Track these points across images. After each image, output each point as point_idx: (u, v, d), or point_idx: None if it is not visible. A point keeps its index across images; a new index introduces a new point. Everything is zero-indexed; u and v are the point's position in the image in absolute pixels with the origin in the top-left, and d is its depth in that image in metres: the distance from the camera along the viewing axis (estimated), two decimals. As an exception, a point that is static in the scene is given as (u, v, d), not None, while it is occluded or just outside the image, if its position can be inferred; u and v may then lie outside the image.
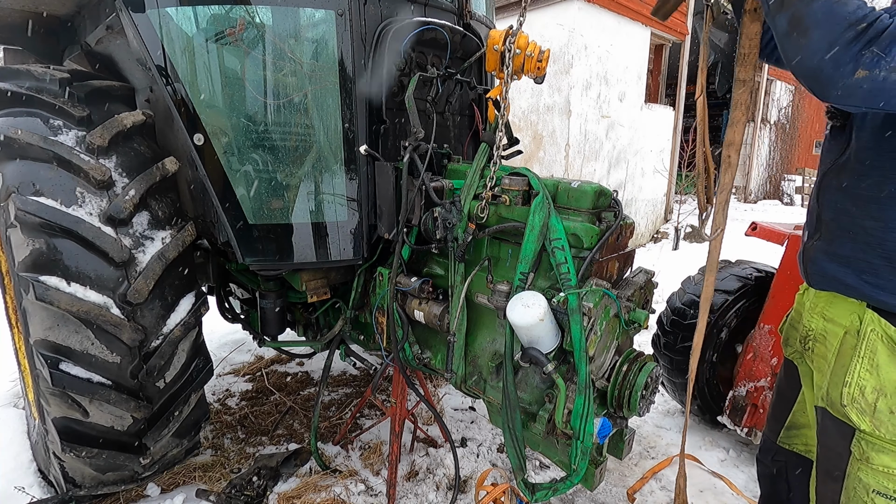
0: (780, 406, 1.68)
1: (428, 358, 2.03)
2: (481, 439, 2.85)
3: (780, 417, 1.67)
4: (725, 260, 3.12)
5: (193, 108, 1.86)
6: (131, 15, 1.83)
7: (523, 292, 1.54)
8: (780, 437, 1.68)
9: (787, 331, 1.59)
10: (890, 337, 1.20)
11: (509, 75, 1.71)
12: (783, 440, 1.68)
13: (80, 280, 1.72)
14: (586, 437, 1.51)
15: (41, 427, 2.08)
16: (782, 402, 1.67)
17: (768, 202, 13.29)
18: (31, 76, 1.98)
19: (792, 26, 1.08)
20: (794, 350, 1.55)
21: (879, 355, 1.21)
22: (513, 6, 7.16)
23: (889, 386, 1.20)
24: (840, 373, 1.28)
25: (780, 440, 1.68)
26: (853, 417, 1.24)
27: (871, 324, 1.22)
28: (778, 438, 1.69)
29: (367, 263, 2.17)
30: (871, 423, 1.21)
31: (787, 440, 1.67)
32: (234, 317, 2.70)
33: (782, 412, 1.66)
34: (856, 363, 1.24)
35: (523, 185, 1.70)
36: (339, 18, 1.85)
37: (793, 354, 1.57)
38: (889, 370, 1.20)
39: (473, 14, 2.37)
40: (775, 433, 1.70)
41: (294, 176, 1.97)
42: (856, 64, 0.99)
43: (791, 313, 1.59)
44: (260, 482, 2.31)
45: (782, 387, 1.68)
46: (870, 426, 1.21)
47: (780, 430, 1.67)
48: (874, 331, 1.22)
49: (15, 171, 1.77)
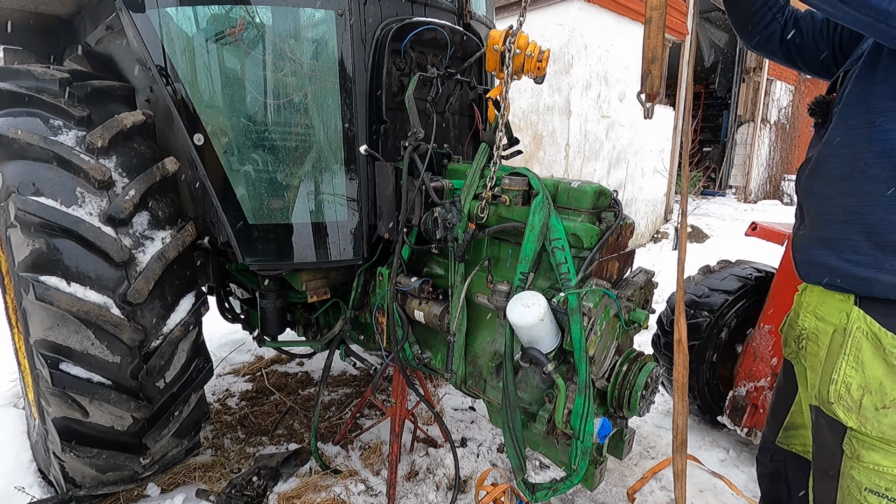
0: (779, 406, 1.68)
1: (428, 358, 2.03)
2: (481, 439, 2.85)
3: (778, 418, 1.68)
4: (725, 260, 3.13)
5: (193, 108, 1.86)
6: (131, 15, 1.83)
7: (523, 292, 1.54)
8: (779, 437, 1.68)
9: (786, 331, 1.60)
10: (874, 334, 1.20)
11: (509, 75, 1.71)
12: (781, 440, 1.68)
13: (80, 280, 1.72)
14: (586, 437, 1.51)
15: (41, 427, 2.08)
16: (781, 402, 1.68)
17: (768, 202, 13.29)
18: (31, 76, 1.98)
19: None
20: (791, 350, 1.55)
21: (864, 352, 1.22)
22: (513, 6, 7.15)
23: (874, 383, 1.20)
24: (828, 370, 1.29)
25: (778, 440, 1.69)
26: (840, 415, 1.25)
27: (857, 321, 1.23)
28: (776, 439, 1.69)
29: (367, 263, 2.17)
30: (857, 420, 1.22)
31: (785, 440, 1.67)
32: (234, 317, 2.70)
33: (781, 412, 1.67)
34: (842, 361, 1.25)
35: (523, 185, 1.70)
36: (339, 18, 1.85)
37: (790, 354, 1.58)
38: (873, 367, 1.20)
39: (473, 14, 2.37)
40: (774, 433, 1.70)
41: (294, 176, 1.97)
42: None
43: (790, 314, 1.60)
44: (260, 482, 2.31)
45: (781, 387, 1.69)
46: (856, 423, 1.22)
47: (779, 431, 1.68)
48: (860, 328, 1.23)
49: (15, 171, 1.77)
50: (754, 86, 12.00)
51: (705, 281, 2.89)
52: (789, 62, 1.59)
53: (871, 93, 1.19)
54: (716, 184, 12.21)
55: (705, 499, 2.46)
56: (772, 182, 13.63)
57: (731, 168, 12.63)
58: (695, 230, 8.86)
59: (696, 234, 8.83)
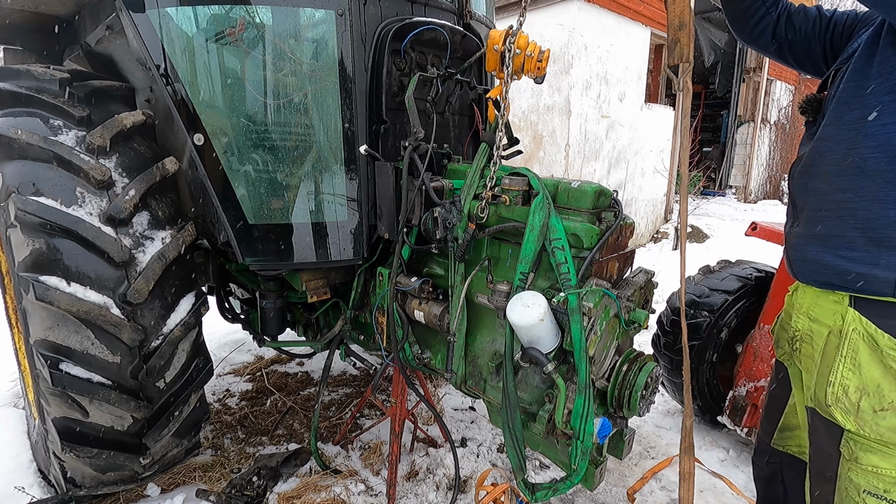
0: (773, 408, 1.68)
1: (428, 358, 2.03)
2: (481, 439, 2.85)
3: (772, 419, 1.67)
4: (725, 260, 3.13)
5: (193, 108, 1.86)
6: (131, 15, 1.83)
7: (523, 292, 1.54)
8: (774, 438, 1.68)
9: (778, 332, 1.59)
10: (871, 336, 1.20)
11: (509, 75, 1.71)
12: (777, 442, 1.68)
13: (80, 280, 1.72)
14: (586, 437, 1.51)
15: (41, 427, 2.08)
16: (774, 403, 1.67)
17: (768, 202, 13.28)
18: (31, 76, 1.98)
19: None
20: (784, 351, 1.55)
21: (861, 354, 1.21)
22: (513, 6, 7.15)
23: (871, 385, 1.19)
24: (825, 373, 1.28)
25: (773, 442, 1.68)
26: (838, 417, 1.24)
27: (853, 323, 1.22)
28: (771, 440, 1.69)
29: (367, 263, 2.17)
30: (855, 422, 1.21)
31: (780, 442, 1.67)
32: (234, 317, 2.70)
33: (775, 414, 1.66)
34: (839, 363, 1.24)
35: (523, 185, 1.70)
36: (339, 18, 1.85)
37: (783, 356, 1.57)
38: (870, 369, 1.20)
39: (473, 14, 2.37)
40: (769, 435, 1.70)
41: (294, 176, 1.97)
42: None
43: (781, 315, 1.59)
44: (260, 482, 2.31)
45: (774, 388, 1.68)
46: (854, 426, 1.21)
47: (774, 432, 1.67)
48: (856, 330, 1.22)
49: (15, 171, 1.77)
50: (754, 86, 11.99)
51: (705, 281, 2.89)
52: (780, 58, 1.60)
53: (866, 88, 1.18)
54: (716, 184, 12.20)
55: (705, 499, 2.46)
56: (772, 182, 13.63)
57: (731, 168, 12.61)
58: (695, 230, 8.86)
59: (696, 234, 8.82)
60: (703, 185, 10.45)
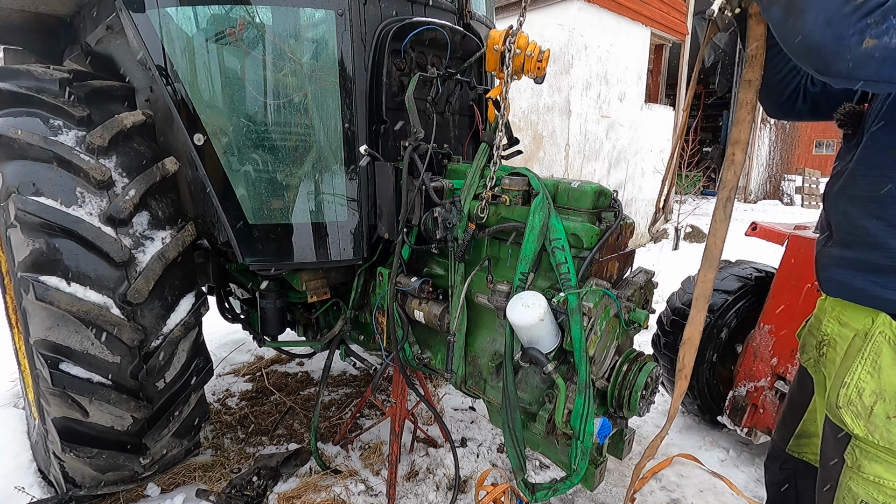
0: (791, 413, 1.63)
1: (428, 358, 2.03)
2: (481, 439, 2.85)
3: (789, 425, 1.63)
4: (725, 260, 3.12)
5: (193, 107, 1.86)
6: (131, 15, 1.83)
7: (523, 292, 1.54)
8: (790, 444, 1.64)
9: (805, 337, 1.54)
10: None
11: (509, 75, 1.71)
12: (793, 448, 1.64)
13: (80, 280, 1.72)
14: (586, 437, 1.51)
15: (41, 427, 2.08)
16: (793, 409, 1.63)
17: (768, 202, 13.30)
18: (31, 76, 1.98)
19: (786, 12, 1.06)
20: (810, 357, 1.50)
21: (883, 357, 1.17)
22: (513, 6, 7.16)
23: (889, 390, 1.15)
24: (841, 374, 1.24)
25: (789, 448, 1.64)
26: (847, 421, 1.19)
27: (882, 326, 1.18)
28: (787, 446, 1.65)
29: (367, 263, 2.17)
30: (865, 427, 1.17)
31: (796, 448, 1.63)
32: (234, 317, 2.70)
33: (792, 419, 1.62)
34: (858, 364, 1.20)
35: (523, 185, 1.70)
36: (339, 18, 1.85)
37: (807, 362, 1.52)
38: (891, 373, 1.15)
39: (473, 14, 2.37)
40: (784, 441, 1.65)
41: (294, 176, 1.97)
42: (861, 35, 0.96)
43: (811, 319, 1.54)
44: (260, 482, 2.31)
45: (794, 394, 1.64)
46: (864, 431, 1.17)
47: (790, 438, 1.63)
48: (882, 332, 1.17)
49: (15, 171, 1.77)
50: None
51: (705, 281, 2.88)
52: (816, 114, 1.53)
53: None
54: (716, 184, 12.20)
55: (705, 499, 2.46)
56: (772, 182, 13.62)
57: (731, 168, 12.58)
58: (694, 230, 8.86)
59: (696, 234, 8.83)
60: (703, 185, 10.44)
